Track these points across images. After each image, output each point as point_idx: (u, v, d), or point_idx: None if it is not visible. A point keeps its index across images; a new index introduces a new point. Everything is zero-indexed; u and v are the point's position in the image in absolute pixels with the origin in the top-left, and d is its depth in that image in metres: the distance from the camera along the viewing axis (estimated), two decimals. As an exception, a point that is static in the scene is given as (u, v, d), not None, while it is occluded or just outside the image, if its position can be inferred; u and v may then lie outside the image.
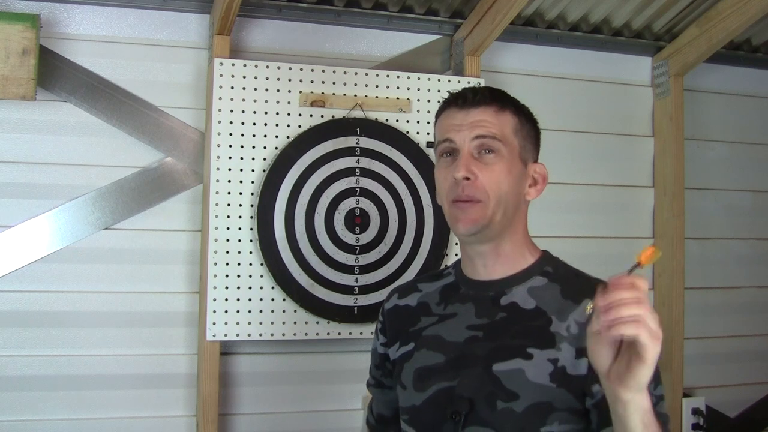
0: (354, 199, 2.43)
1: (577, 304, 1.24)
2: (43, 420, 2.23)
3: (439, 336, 1.33)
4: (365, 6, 2.56)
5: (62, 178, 2.28)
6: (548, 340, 1.23)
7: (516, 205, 1.32)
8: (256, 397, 2.42)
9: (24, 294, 2.24)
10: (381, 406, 1.53)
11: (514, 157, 1.31)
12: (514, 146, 1.31)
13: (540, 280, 1.31)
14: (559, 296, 1.28)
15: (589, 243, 2.78)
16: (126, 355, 2.32)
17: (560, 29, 2.79)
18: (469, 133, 1.29)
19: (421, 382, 1.31)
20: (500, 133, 1.29)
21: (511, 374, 1.22)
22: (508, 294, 1.30)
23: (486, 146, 1.28)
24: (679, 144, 2.81)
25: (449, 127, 1.32)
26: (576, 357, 1.20)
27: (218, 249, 2.29)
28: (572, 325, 1.23)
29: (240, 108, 2.34)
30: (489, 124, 1.29)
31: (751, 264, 3.02)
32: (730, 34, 2.59)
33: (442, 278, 1.43)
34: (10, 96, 2.09)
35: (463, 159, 1.28)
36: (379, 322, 1.49)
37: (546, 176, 1.36)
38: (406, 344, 1.38)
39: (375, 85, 2.48)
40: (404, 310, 1.43)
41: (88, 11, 2.34)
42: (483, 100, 1.31)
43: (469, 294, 1.34)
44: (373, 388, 1.54)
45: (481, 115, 1.30)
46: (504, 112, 1.32)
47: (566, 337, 1.22)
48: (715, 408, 2.88)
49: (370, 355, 1.53)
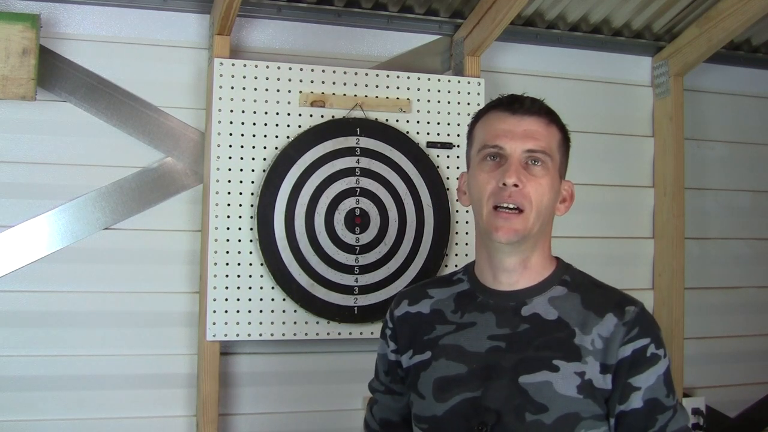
0: (354, 199, 2.43)
1: (599, 316, 1.26)
2: (43, 420, 2.23)
3: (459, 346, 1.32)
4: (365, 6, 2.56)
5: (62, 178, 2.28)
6: (574, 352, 1.24)
7: (550, 219, 1.34)
8: (256, 397, 2.42)
9: (24, 294, 2.24)
10: (388, 412, 1.51)
11: (555, 172, 1.32)
12: (557, 161, 1.32)
13: (560, 289, 1.32)
14: (580, 306, 1.29)
15: (589, 243, 2.78)
16: (126, 355, 2.32)
17: (560, 29, 2.79)
18: (522, 144, 1.28)
19: (443, 393, 1.30)
20: (549, 147, 1.30)
21: (540, 387, 1.23)
22: (530, 304, 1.30)
23: (535, 158, 1.29)
24: (679, 144, 2.81)
25: (499, 131, 1.30)
26: (601, 371, 1.23)
27: (218, 249, 2.29)
28: (596, 340, 1.24)
29: (240, 108, 2.34)
30: (540, 137, 1.29)
31: (750, 264, 3.02)
32: (730, 34, 2.60)
33: (454, 284, 1.41)
34: (10, 96, 2.10)
35: (513, 166, 1.27)
36: (388, 329, 1.46)
37: (573, 194, 1.39)
38: (422, 353, 1.36)
39: (375, 85, 2.48)
40: (416, 317, 1.40)
41: (88, 11, 2.34)
42: (537, 111, 1.31)
43: (489, 303, 1.33)
44: (381, 395, 1.51)
45: (534, 125, 1.30)
46: (552, 125, 1.33)
47: (591, 351, 1.24)
48: (715, 408, 2.88)
49: (377, 360, 1.51)
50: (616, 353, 1.22)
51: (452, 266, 2.48)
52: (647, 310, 1.29)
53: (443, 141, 2.54)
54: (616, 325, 1.24)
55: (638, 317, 1.25)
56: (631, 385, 1.22)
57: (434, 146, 2.53)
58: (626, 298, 1.30)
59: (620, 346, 1.23)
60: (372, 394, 1.54)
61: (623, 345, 1.23)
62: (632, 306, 1.27)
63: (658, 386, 1.23)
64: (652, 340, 1.24)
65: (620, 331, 1.23)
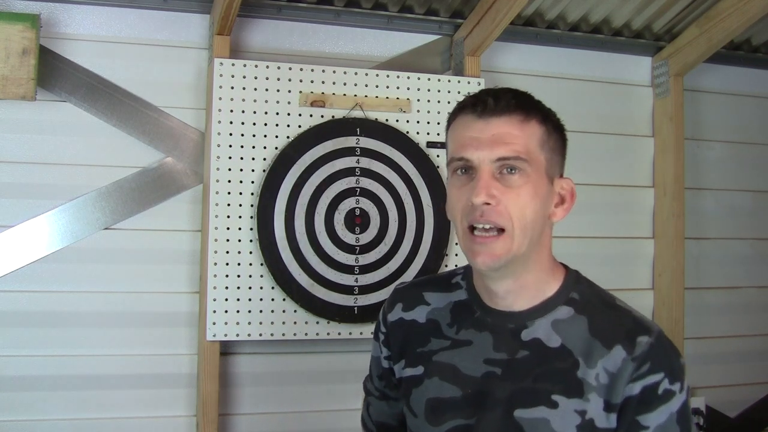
0: (354, 199, 2.43)
1: (606, 348, 1.12)
2: (43, 420, 2.23)
3: (453, 366, 1.21)
4: (365, 6, 2.56)
5: (62, 178, 2.28)
6: (575, 387, 1.11)
7: (541, 230, 1.16)
8: (256, 397, 2.42)
9: (24, 294, 2.24)
10: (384, 416, 1.44)
11: (540, 176, 1.14)
12: (540, 163, 1.14)
13: (565, 311, 1.17)
14: (587, 333, 1.14)
15: (589, 243, 2.78)
16: (126, 355, 2.32)
17: (560, 29, 2.79)
18: (490, 153, 1.11)
19: (435, 416, 1.22)
20: (525, 150, 1.12)
21: (535, 423, 1.12)
22: (530, 327, 1.17)
23: (509, 165, 1.12)
24: (679, 144, 2.81)
25: (465, 140, 1.14)
26: (605, 409, 1.10)
27: (218, 249, 2.29)
28: (602, 374, 1.11)
29: (240, 108, 2.34)
30: (513, 140, 1.12)
31: (751, 264, 3.02)
32: (730, 34, 2.60)
33: (452, 290, 1.29)
34: (10, 96, 2.09)
35: (482, 181, 1.11)
36: (381, 333, 1.35)
37: (574, 192, 1.21)
38: (414, 366, 1.27)
39: (375, 85, 2.48)
40: (411, 326, 1.30)
41: (88, 11, 2.34)
42: (506, 109, 1.13)
43: (486, 322, 1.21)
44: (376, 400, 1.44)
45: (504, 127, 1.12)
46: (529, 121, 1.14)
47: (595, 387, 1.11)
48: (715, 408, 2.88)
49: (371, 362, 1.43)
50: (622, 391, 1.10)
51: (452, 266, 2.47)
52: (664, 336, 1.14)
53: (443, 141, 2.51)
54: (624, 360, 1.10)
55: (651, 350, 1.10)
56: (638, 423, 1.09)
57: (434, 146, 2.53)
58: (640, 325, 1.14)
59: (628, 383, 1.09)
60: (366, 395, 1.47)
61: (631, 382, 1.09)
62: (645, 336, 1.12)
63: (671, 425, 1.09)
64: (666, 375, 1.09)
65: (629, 367, 1.09)
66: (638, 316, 1.17)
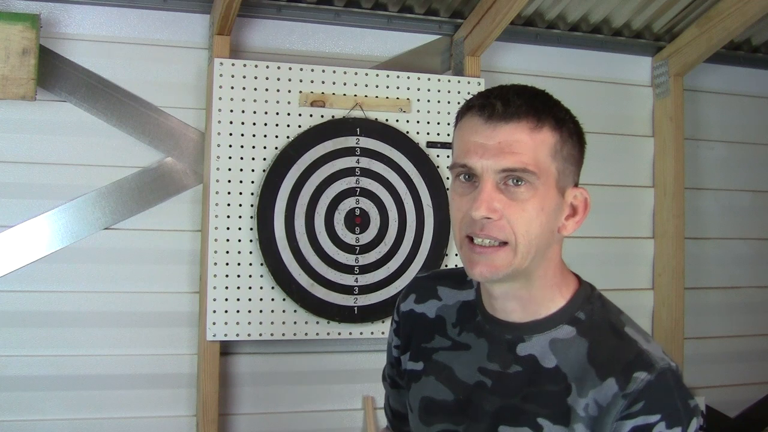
0: (354, 199, 2.43)
1: (600, 379, 1.02)
2: (43, 420, 2.23)
3: (450, 368, 1.17)
4: (365, 6, 2.56)
5: (62, 178, 2.28)
6: (563, 414, 1.03)
7: (548, 245, 1.07)
8: (256, 397, 2.42)
9: (24, 294, 2.24)
10: (397, 404, 1.42)
11: (549, 188, 1.05)
12: (551, 174, 1.05)
13: (567, 330, 1.08)
14: (584, 358, 1.05)
15: (589, 243, 2.78)
16: (126, 355, 2.32)
17: (560, 29, 2.79)
18: (495, 163, 1.02)
19: (427, 416, 1.20)
20: (533, 162, 1.02)
21: None
22: (527, 342, 1.09)
23: (515, 177, 1.02)
24: (679, 144, 2.81)
25: (470, 146, 1.04)
26: None
27: (218, 249, 2.29)
28: (591, 406, 1.02)
29: (240, 108, 2.34)
30: (521, 149, 1.02)
31: (751, 264, 3.02)
32: (730, 34, 2.60)
33: (464, 289, 1.23)
34: (10, 96, 2.10)
35: (484, 193, 1.02)
36: (395, 321, 1.32)
37: (588, 203, 1.11)
38: (416, 361, 1.24)
39: (375, 85, 2.48)
40: (419, 319, 1.26)
41: (88, 11, 2.34)
42: (515, 114, 1.03)
43: (485, 328, 1.15)
44: (388, 387, 1.41)
45: (513, 134, 1.02)
46: (541, 128, 1.04)
47: (582, 418, 1.02)
48: (715, 408, 2.88)
49: (387, 347, 1.37)
50: (609, 428, 1.00)
51: (452, 266, 2.47)
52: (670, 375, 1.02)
53: (443, 141, 2.54)
54: (615, 395, 1.00)
55: (647, 388, 0.99)
56: None
57: (434, 146, 2.53)
58: (642, 360, 1.02)
59: (616, 420, 0.99)
60: (382, 383, 1.45)
61: (620, 420, 0.99)
62: (643, 372, 1.00)
63: None
64: (663, 418, 0.98)
65: (619, 404, 0.99)
66: (645, 348, 1.04)
